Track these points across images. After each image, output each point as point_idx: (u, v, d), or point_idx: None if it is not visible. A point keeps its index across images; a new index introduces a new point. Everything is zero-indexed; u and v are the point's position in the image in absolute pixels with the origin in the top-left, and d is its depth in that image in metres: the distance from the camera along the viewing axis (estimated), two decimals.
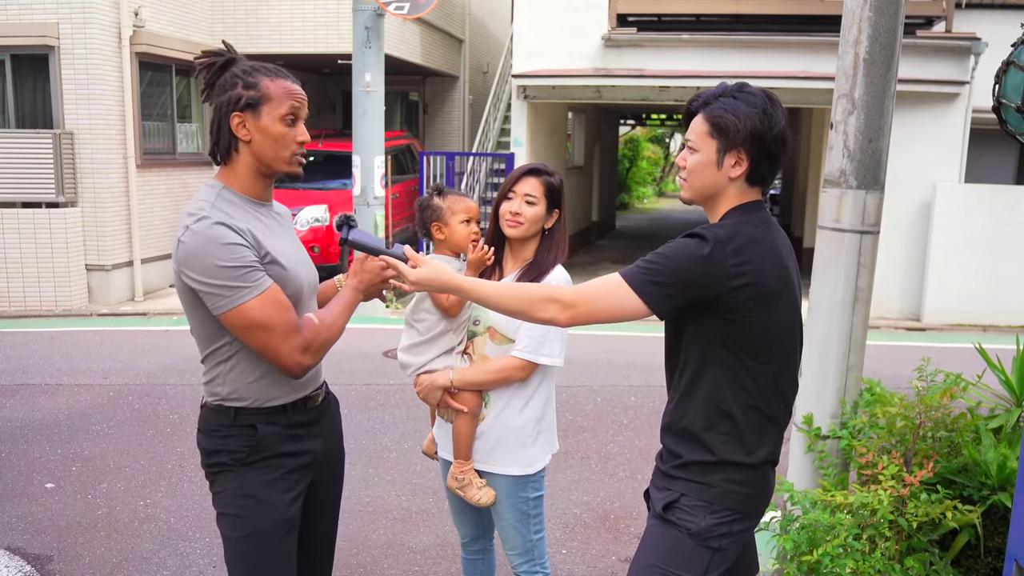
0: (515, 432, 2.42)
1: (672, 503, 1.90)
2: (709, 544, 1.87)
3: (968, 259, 9.41)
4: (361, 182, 9.19)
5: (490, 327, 2.41)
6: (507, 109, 12.24)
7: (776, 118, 1.85)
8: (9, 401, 5.85)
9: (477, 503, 2.45)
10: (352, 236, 2.03)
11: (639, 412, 5.82)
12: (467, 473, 2.45)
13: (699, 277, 1.78)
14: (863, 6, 2.96)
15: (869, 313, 3.18)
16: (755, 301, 1.80)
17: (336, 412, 2.29)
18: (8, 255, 8.95)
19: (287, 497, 2.04)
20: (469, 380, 2.39)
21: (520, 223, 2.39)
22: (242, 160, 1.96)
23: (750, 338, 1.83)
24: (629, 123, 25.63)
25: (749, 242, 1.81)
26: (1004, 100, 2.78)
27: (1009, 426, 2.96)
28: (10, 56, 9.14)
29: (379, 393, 6.13)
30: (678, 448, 1.93)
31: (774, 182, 1.97)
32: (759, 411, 1.88)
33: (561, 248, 2.47)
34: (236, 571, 2.06)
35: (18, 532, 3.91)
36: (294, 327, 1.90)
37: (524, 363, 2.36)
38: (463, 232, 2.42)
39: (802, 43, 9.77)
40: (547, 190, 2.41)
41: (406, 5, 8.91)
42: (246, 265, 1.85)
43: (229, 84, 1.92)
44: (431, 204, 2.44)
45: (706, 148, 1.87)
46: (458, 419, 2.43)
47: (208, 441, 2.04)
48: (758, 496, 1.93)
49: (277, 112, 1.92)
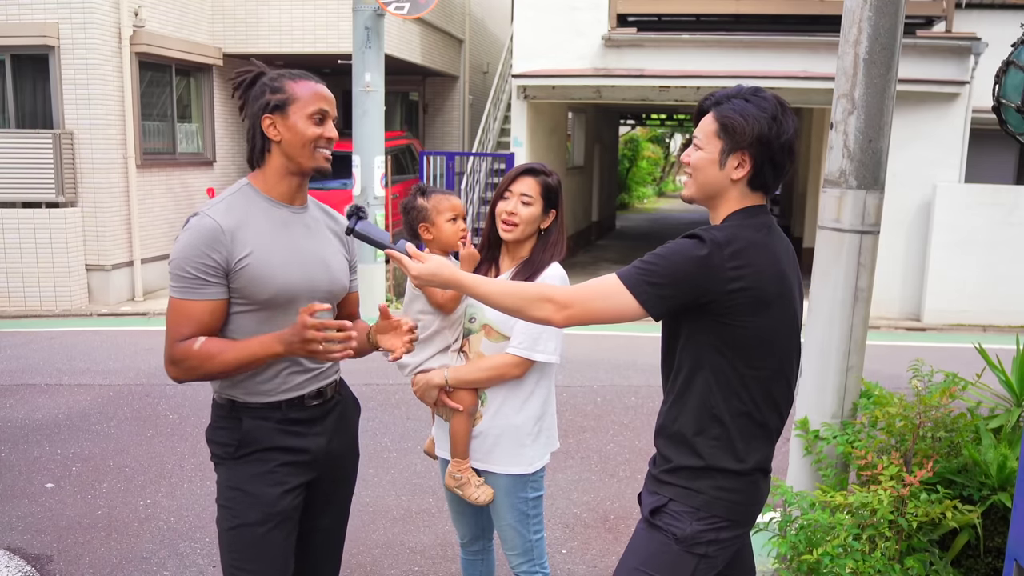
0: (514, 431, 2.41)
1: (660, 507, 1.89)
2: (695, 551, 1.85)
3: (968, 259, 9.41)
4: (361, 182, 9.19)
5: (485, 324, 2.41)
6: (507, 109, 12.24)
7: (785, 126, 1.84)
8: (9, 401, 5.85)
9: (475, 501, 2.44)
10: (359, 227, 2.05)
11: (639, 412, 5.82)
12: (464, 472, 2.44)
13: (695, 279, 1.77)
14: (863, 6, 2.96)
15: (869, 313, 3.18)
16: (751, 306, 1.79)
17: (350, 413, 2.31)
18: (8, 255, 8.95)
19: (277, 491, 2.07)
20: (464, 378, 2.38)
21: (515, 224, 2.39)
22: (273, 160, 2.07)
23: (744, 343, 1.81)
24: (629, 123, 25.61)
25: (748, 246, 1.80)
26: (1004, 100, 2.78)
27: (1009, 426, 2.96)
28: (10, 56, 9.14)
29: (379, 393, 6.13)
30: (668, 452, 1.92)
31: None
32: (750, 417, 1.86)
33: (557, 248, 2.46)
34: (226, 561, 2.12)
35: (18, 532, 3.91)
36: (178, 337, 1.97)
37: (519, 360, 2.35)
38: (451, 230, 2.41)
39: (802, 43, 9.77)
40: (544, 190, 2.40)
41: (406, 5, 8.91)
42: (194, 274, 1.96)
43: (259, 93, 2.06)
44: (416, 205, 2.43)
45: (711, 147, 1.87)
46: (454, 417, 2.42)
47: (209, 433, 2.15)
48: (747, 504, 1.91)
49: (304, 111, 2.02)
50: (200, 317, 1.97)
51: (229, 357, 1.97)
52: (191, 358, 1.97)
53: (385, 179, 9.46)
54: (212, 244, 1.95)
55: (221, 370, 1.98)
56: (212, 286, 1.97)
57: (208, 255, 1.95)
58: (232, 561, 2.09)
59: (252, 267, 1.99)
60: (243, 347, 1.98)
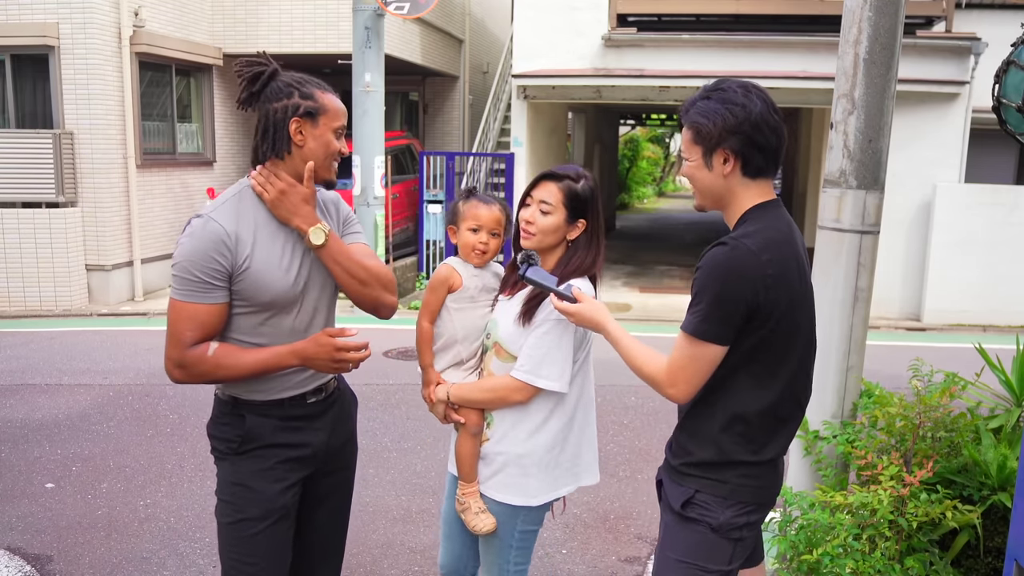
0: (517, 459, 2.26)
1: (689, 500, 1.94)
2: (731, 536, 1.92)
3: (968, 259, 9.41)
4: (361, 182, 9.19)
5: (496, 343, 2.29)
6: (507, 109, 12.22)
7: (750, 107, 1.83)
8: (9, 401, 5.85)
9: (473, 529, 2.31)
10: (529, 273, 2.11)
11: (639, 412, 5.81)
12: (468, 496, 2.32)
13: (742, 294, 1.79)
14: (863, 6, 2.96)
15: (869, 313, 3.18)
16: (787, 304, 1.82)
17: (348, 408, 2.34)
18: (8, 255, 8.94)
19: (278, 487, 2.11)
20: (465, 396, 2.29)
21: (532, 234, 2.23)
22: (288, 164, 2.06)
23: (777, 341, 1.85)
24: (629, 123, 25.61)
25: (775, 246, 1.83)
26: (1004, 100, 2.78)
27: (1009, 426, 2.96)
28: (10, 56, 9.14)
29: (379, 393, 6.13)
30: (690, 445, 1.97)
31: (776, 175, 1.97)
32: (774, 414, 1.91)
33: (586, 263, 2.25)
34: (226, 555, 2.14)
35: (18, 532, 3.90)
36: (185, 340, 1.97)
37: (521, 384, 2.20)
38: (468, 240, 2.35)
39: (802, 43, 9.76)
40: (568, 198, 2.22)
41: (406, 5, 8.91)
42: (200, 278, 1.96)
43: (284, 92, 2.04)
44: (454, 206, 2.41)
45: (694, 154, 1.90)
46: (459, 436, 2.34)
47: (211, 428, 2.17)
48: (769, 487, 1.97)
49: (331, 124, 2.06)
50: (205, 320, 1.98)
51: (243, 366, 2.01)
52: (203, 364, 1.98)
53: (385, 179, 9.47)
54: (219, 248, 1.96)
55: (231, 377, 2.03)
56: (218, 290, 1.99)
57: (215, 259, 1.96)
58: (232, 555, 2.12)
59: (255, 271, 2.00)
60: (256, 358, 2.01)
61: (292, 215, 2.03)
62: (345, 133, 2.13)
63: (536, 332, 2.20)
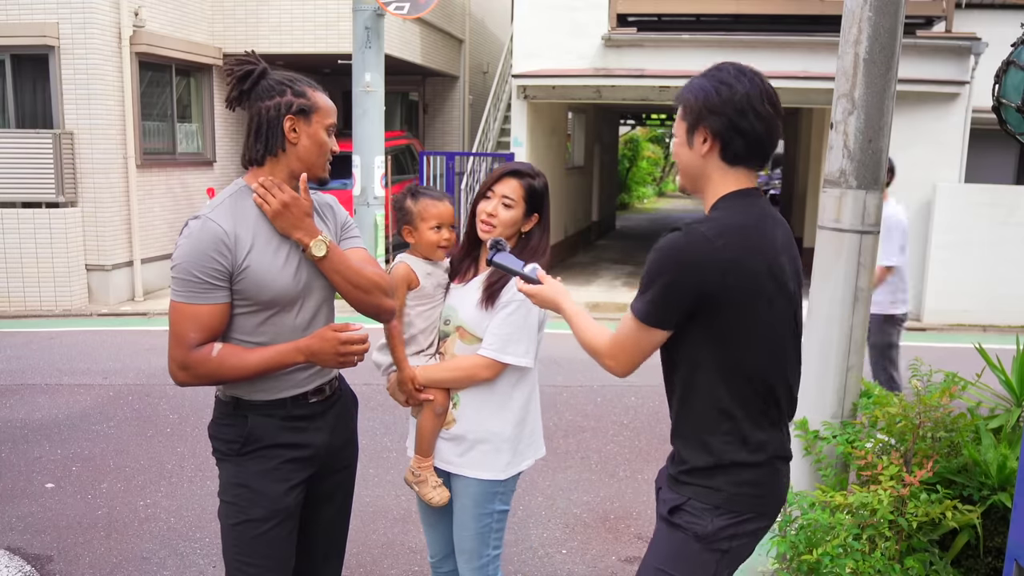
0: (493, 437, 2.37)
1: (679, 506, 1.87)
2: (717, 547, 1.84)
3: (968, 259, 9.41)
4: (361, 182, 9.19)
5: (459, 326, 2.39)
6: (507, 109, 12.23)
7: (737, 88, 1.78)
8: (9, 401, 5.85)
9: (429, 501, 2.42)
10: (497, 259, 2.17)
11: (639, 412, 5.81)
12: (424, 469, 2.42)
13: (689, 279, 1.75)
14: (863, 6, 2.96)
15: (869, 313, 3.18)
16: (746, 292, 1.76)
17: (349, 408, 2.34)
18: (8, 255, 8.95)
19: (282, 487, 2.11)
20: (433, 377, 2.37)
21: (493, 226, 2.35)
22: (282, 163, 2.06)
23: (741, 331, 1.79)
24: (629, 123, 25.61)
25: (737, 231, 1.77)
26: (1004, 100, 2.78)
27: (1009, 426, 2.96)
28: (10, 56, 9.14)
29: (379, 393, 6.11)
30: (685, 453, 1.90)
31: (766, 167, 1.95)
32: (758, 407, 1.84)
33: (538, 253, 2.39)
34: (230, 557, 2.13)
35: (18, 532, 3.91)
36: (188, 342, 1.97)
37: (489, 361, 2.32)
38: (431, 239, 2.42)
39: (802, 43, 9.77)
40: (527, 193, 2.36)
41: (406, 5, 8.91)
42: (201, 278, 1.96)
43: (276, 90, 2.04)
44: (403, 206, 2.45)
45: (680, 130, 1.89)
46: (423, 413, 2.41)
47: (212, 429, 2.17)
48: (769, 495, 1.89)
49: (324, 122, 2.07)
50: (207, 321, 1.98)
51: (248, 365, 2.01)
52: (207, 365, 1.98)
53: (385, 179, 9.46)
54: (218, 248, 1.96)
55: (235, 377, 2.02)
56: (219, 290, 1.98)
57: (215, 259, 1.96)
58: (237, 556, 2.11)
59: (256, 270, 2.00)
60: (261, 356, 2.01)
61: (294, 228, 2.03)
62: (336, 131, 2.14)
63: (501, 313, 2.33)
